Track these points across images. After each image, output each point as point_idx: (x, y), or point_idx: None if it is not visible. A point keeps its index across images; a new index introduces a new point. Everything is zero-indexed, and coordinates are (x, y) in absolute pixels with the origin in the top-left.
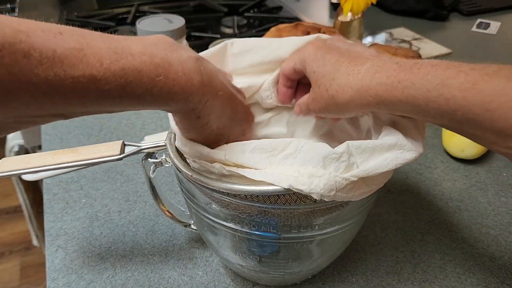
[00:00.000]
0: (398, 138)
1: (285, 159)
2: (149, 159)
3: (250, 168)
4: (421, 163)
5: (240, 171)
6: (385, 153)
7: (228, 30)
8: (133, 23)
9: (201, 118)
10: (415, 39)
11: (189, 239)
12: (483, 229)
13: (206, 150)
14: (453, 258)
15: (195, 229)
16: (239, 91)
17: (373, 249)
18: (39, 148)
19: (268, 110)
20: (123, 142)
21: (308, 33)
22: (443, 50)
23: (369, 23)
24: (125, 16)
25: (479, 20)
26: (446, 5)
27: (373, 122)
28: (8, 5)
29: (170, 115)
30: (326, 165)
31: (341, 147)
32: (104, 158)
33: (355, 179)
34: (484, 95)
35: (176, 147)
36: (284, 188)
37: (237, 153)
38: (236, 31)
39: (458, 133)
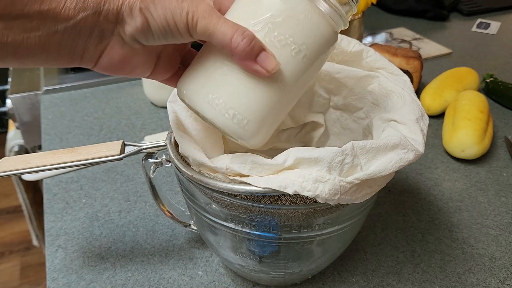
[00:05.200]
0: (401, 138)
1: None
2: (149, 159)
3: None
4: (421, 163)
5: (244, 179)
6: (389, 153)
7: None
8: None
9: None
10: (415, 39)
11: (189, 239)
12: (483, 229)
13: (208, 162)
14: (453, 258)
15: (195, 229)
16: None
17: (373, 249)
18: (39, 148)
19: None
20: (123, 142)
21: None
22: (443, 50)
23: (369, 23)
24: None
25: (479, 20)
26: (446, 5)
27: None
28: None
29: (170, 115)
30: (331, 168)
31: (346, 147)
32: (104, 158)
33: (359, 181)
34: None
35: (176, 148)
36: None
37: (238, 164)
38: None
39: None
